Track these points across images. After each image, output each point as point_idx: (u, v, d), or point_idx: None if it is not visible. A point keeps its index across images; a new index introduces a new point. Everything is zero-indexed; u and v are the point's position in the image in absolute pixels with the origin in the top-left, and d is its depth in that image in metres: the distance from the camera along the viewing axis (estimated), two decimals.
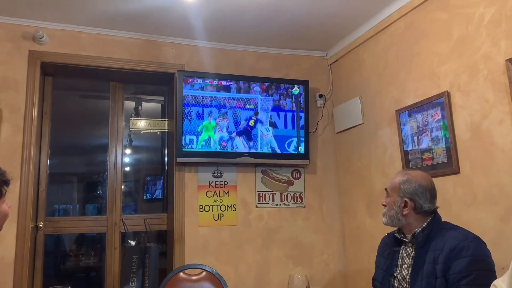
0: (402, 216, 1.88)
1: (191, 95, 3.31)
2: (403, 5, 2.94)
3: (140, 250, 1.61)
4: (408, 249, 1.89)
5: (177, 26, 3.24)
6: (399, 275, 1.87)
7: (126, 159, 3.68)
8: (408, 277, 1.81)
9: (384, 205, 1.97)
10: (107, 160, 3.45)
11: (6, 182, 1.59)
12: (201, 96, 3.33)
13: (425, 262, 1.75)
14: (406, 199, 1.88)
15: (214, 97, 3.36)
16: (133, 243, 1.81)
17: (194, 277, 2.49)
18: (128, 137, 3.70)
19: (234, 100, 3.41)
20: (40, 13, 3.02)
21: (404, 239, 1.91)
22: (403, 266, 1.87)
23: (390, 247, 1.99)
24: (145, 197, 3.86)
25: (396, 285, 1.87)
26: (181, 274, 2.49)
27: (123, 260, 1.62)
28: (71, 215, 3.61)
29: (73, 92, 3.75)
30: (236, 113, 3.40)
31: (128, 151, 3.72)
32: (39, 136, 3.24)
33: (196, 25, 3.22)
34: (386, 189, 2.00)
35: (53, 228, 3.26)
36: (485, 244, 1.74)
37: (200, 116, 3.32)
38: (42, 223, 3.17)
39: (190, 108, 3.30)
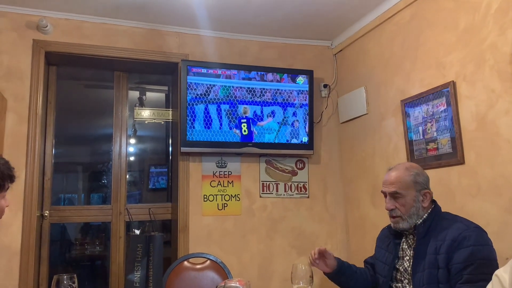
0: (423, 209, 1.86)
1: (195, 84, 3.30)
2: None
3: (144, 239, 1.63)
4: (409, 241, 1.89)
5: (181, 15, 3.22)
6: (401, 267, 1.87)
7: (131, 149, 3.69)
8: (410, 268, 1.82)
9: (393, 209, 1.86)
10: (111, 150, 3.46)
11: (11, 178, 1.56)
12: (206, 86, 3.32)
13: (426, 253, 1.75)
14: (427, 190, 1.88)
15: (218, 86, 3.35)
16: (137, 232, 1.83)
17: (198, 266, 2.50)
18: (133, 127, 3.71)
19: (238, 89, 3.39)
20: (44, 2, 3.01)
21: (405, 231, 1.90)
22: (405, 258, 1.87)
23: (390, 239, 1.98)
24: (150, 186, 3.87)
25: (399, 276, 1.87)
26: (186, 263, 2.51)
27: (128, 249, 1.64)
28: (76, 204, 3.62)
29: (77, 81, 3.75)
30: (241, 103, 3.39)
31: (132, 140, 3.72)
32: (44, 126, 3.25)
33: (200, 14, 3.20)
34: (389, 193, 1.89)
35: (59, 217, 3.29)
36: (486, 233, 1.74)
37: (205, 106, 3.31)
38: (47, 212, 3.20)
39: (194, 98, 3.29)
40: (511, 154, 2.19)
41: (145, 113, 3.68)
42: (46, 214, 3.19)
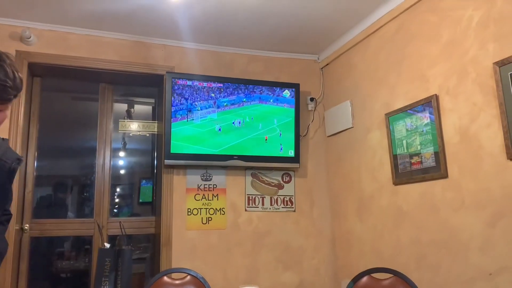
0: None
1: (180, 97, 3.28)
2: (393, 8, 2.92)
3: (113, 253, 1.58)
4: None
5: (166, 27, 3.22)
6: None
7: (121, 162, 3.66)
8: None
9: None
10: (95, 163, 3.42)
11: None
12: (191, 98, 3.30)
13: None
14: None
15: (204, 99, 3.33)
16: (108, 245, 1.78)
17: (177, 282, 2.45)
18: (122, 140, 3.67)
19: (224, 102, 3.38)
20: (27, 13, 2.99)
21: None
22: None
23: None
24: (140, 200, 3.81)
25: None
26: (165, 278, 2.45)
27: (97, 263, 1.59)
28: (58, 218, 3.54)
29: (62, 93, 3.71)
30: (225, 116, 3.37)
31: (122, 153, 3.69)
32: (26, 138, 3.20)
33: (184, 26, 3.19)
34: None
35: (39, 230, 3.22)
36: None
37: (190, 118, 3.28)
38: (27, 225, 3.13)
39: (179, 110, 3.26)
40: (493, 167, 2.17)
41: (131, 126, 3.64)
42: (26, 228, 3.12)
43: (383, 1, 2.93)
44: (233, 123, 3.38)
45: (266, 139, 3.44)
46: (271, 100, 3.50)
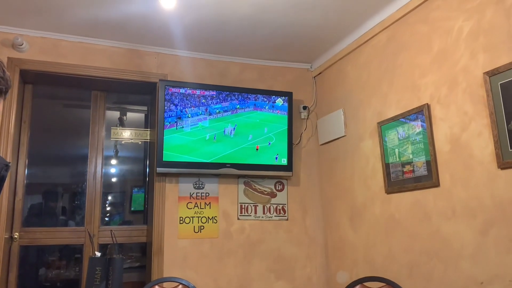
0: None
1: (172, 104, 3.27)
2: (385, 18, 2.95)
3: (104, 261, 1.56)
4: None
5: (159, 35, 3.22)
6: None
7: (112, 170, 3.63)
8: None
9: None
10: (86, 170, 3.39)
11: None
12: (181, 104, 3.29)
13: None
14: None
15: (195, 105, 3.33)
16: (98, 254, 1.77)
17: None
18: (114, 148, 3.65)
19: (216, 109, 3.38)
20: (20, 20, 2.98)
21: None
22: None
23: None
24: (131, 208, 3.79)
25: None
26: (157, 287, 2.43)
27: (87, 272, 1.57)
28: (49, 226, 3.50)
29: (54, 100, 3.69)
30: (218, 123, 3.37)
31: (113, 161, 3.67)
32: (17, 145, 3.18)
33: (178, 34, 3.19)
34: None
35: (29, 239, 3.18)
36: None
37: (179, 126, 3.27)
38: (17, 234, 3.09)
39: (172, 118, 3.26)
40: (484, 176, 2.19)
41: (123, 133, 3.63)
42: (16, 236, 3.08)
43: (375, 11, 2.97)
44: (224, 131, 3.38)
45: (257, 149, 3.44)
46: (267, 107, 3.50)
